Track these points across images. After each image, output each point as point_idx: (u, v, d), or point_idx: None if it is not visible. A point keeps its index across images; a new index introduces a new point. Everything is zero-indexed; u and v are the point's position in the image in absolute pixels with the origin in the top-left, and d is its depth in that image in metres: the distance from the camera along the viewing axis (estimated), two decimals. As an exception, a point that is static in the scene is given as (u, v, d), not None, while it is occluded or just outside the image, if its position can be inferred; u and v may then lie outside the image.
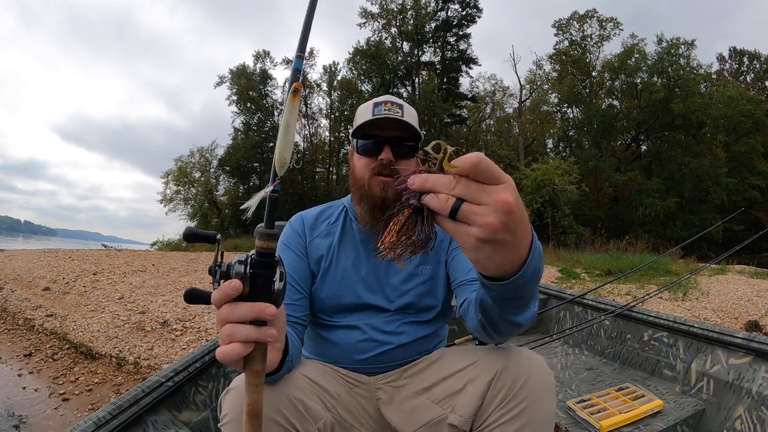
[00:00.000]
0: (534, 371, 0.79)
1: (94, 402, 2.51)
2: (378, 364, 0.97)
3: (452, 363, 0.90)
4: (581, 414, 1.33)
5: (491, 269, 0.49)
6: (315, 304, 1.00)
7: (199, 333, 3.60)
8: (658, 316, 1.71)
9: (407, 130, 0.99)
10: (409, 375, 0.95)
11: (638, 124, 23.82)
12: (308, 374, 0.84)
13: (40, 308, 4.24)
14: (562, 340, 2.16)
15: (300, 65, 0.58)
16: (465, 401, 0.82)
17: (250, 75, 26.32)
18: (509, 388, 0.77)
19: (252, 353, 0.52)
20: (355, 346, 0.96)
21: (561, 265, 9.04)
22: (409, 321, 0.99)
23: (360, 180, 1.00)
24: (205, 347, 1.37)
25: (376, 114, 0.98)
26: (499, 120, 29.32)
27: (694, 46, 22.56)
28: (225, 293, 0.50)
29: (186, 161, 25.45)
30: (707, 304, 5.17)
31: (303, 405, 0.76)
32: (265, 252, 0.52)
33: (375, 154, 0.98)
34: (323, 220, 1.07)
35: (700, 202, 22.18)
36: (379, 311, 0.99)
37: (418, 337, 0.99)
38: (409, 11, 25.00)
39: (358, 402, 0.92)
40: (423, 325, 1.00)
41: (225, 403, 0.75)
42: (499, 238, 0.42)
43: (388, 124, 0.97)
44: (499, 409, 0.77)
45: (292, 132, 0.54)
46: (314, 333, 1.03)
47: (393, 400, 0.93)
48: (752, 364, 1.34)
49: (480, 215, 0.41)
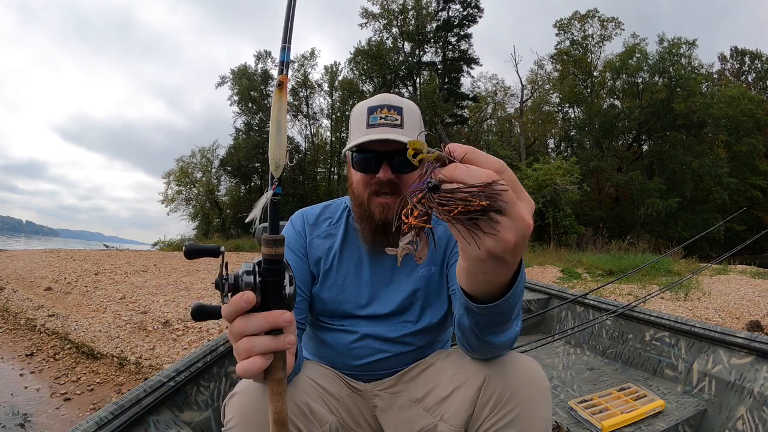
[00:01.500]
0: (526, 376, 0.75)
1: (95, 402, 2.52)
2: (374, 371, 0.95)
3: (442, 369, 0.87)
4: (583, 414, 1.32)
5: (479, 285, 0.49)
6: (315, 306, 0.97)
7: (201, 333, 3.61)
8: (660, 316, 1.71)
9: None
10: (405, 381, 0.93)
11: (639, 124, 23.77)
12: (312, 377, 0.84)
13: (42, 308, 4.24)
14: (564, 340, 2.15)
15: (285, 58, 0.54)
16: (454, 409, 0.78)
17: (252, 75, 26.35)
18: (500, 395, 0.74)
19: (272, 363, 0.50)
20: (353, 352, 0.93)
21: (562, 265, 9.04)
22: (412, 331, 0.94)
23: (358, 197, 0.93)
24: (207, 347, 1.37)
25: (371, 123, 0.89)
26: (500, 120, 29.30)
27: (695, 45, 22.53)
28: (238, 306, 0.48)
29: (187, 161, 25.47)
30: (709, 304, 5.16)
31: (309, 408, 0.75)
32: (274, 259, 0.50)
33: (372, 170, 0.89)
34: (324, 219, 1.02)
35: (702, 202, 22.13)
36: (380, 318, 0.95)
37: (419, 345, 0.95)
38: (410, 11, 24.98)
39: (356, 406, 0.92)
40: (425, 334, 0.96)
41: (229, 407, 0.73)
42: (506, 257, 0.41)
43: (380, 148, 0.87)
44: (492, 417, 0.74)
45: (283, 129, 0.51)
46: (313, 334, 1.02)
47: (390, 408, 0.91)
48: (754, 364, 1.33)
49: (501, 228, 0.38)
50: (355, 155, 0.91)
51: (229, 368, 1.46)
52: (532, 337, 2.11)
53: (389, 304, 0.95)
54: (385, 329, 0.94)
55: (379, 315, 0.95)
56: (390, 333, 0.94)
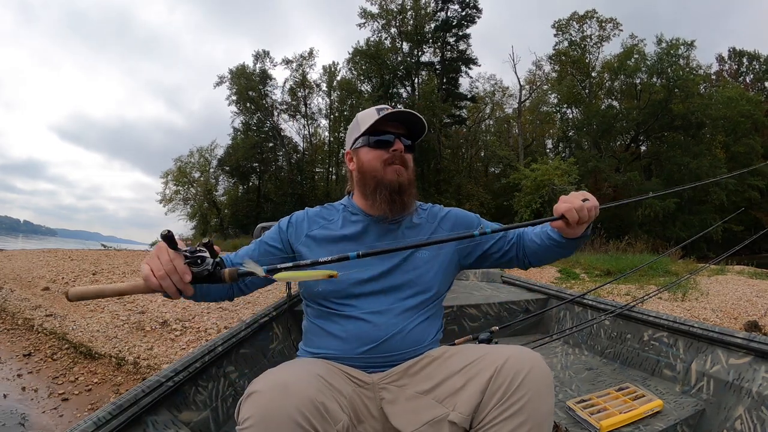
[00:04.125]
0: (533, 368, 0.80)
1: (93, 402, 2.51)
2: (378, 354, 0.98)
3: (455, 362, 0.91)
4: (581, 414, 1.33)
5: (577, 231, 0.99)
6: (316, 291, 1.05)
7: (199, 333, 3.60)
8: (658, 316, 1.71)
9: (408, 129, 1.13)
10: (412, 374, 0.96)
11: (638, 125, 23.82)
12: (323, 375, 0.85)
13: (40, 308, 4.23)
14: (562, 340, 2.16)
15: None
16: (465, 398, 0.83)
17: (250, 75, 26.33)
18: (509, 385, 0.79)
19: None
20: (358, 335, 0.99)
21: (560, 266, 9.04)
22: (409, 307, 1.03)
23: (372, 171, 1.08)
24: (205, 347, 1.37)
25: (381, 114, 1.08)
26: (498, 120, 29.35)
27: (693, 46, 22.60)
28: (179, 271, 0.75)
29: (185, 161, 25.47)
30: (707, 304, 5.17)
31: (324, 408, 0.76)
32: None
33: (388, 146, 1.08)
34: (323, 216, 1.16)
35: (700, 202, 22.18)
36: (378, 295, 1.03)
37: (417, 323, 1.03)
38: (408, 11, 25.00)
39: (362, 402, 0.93)
40: (420, 310, 1.05)
41: (246, 406, 0.73)
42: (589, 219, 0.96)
43: (404, 116, 1.09)
44: (499, 406, 0.78)
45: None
46: (316, 327, 1.05)
47: (397, 400, 0.93)
48: (752, 364, 1.34)
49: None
50: (372, 138, 1.10)
51: (227, 368, 1.45)
52: (531, 337, 2.11)
53: (388, 282, 1.04)
54: (386, 308, 1.02)
55: (378, 291, 1.03)
56: (389, 312, 1.01)
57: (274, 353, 1.75)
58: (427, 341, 1.03)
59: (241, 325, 1.61)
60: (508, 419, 0.77)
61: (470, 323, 2.24)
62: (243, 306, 4.47)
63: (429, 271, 1.07)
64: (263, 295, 5.04)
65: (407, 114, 1.09)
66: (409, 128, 1.12)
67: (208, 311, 4.17)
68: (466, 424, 0.82)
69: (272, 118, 27.20)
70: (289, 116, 28.11)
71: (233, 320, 3.96)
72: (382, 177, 1.07)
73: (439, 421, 0.85)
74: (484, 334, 1.32)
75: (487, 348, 0.90)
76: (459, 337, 1.32)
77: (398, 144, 1.08)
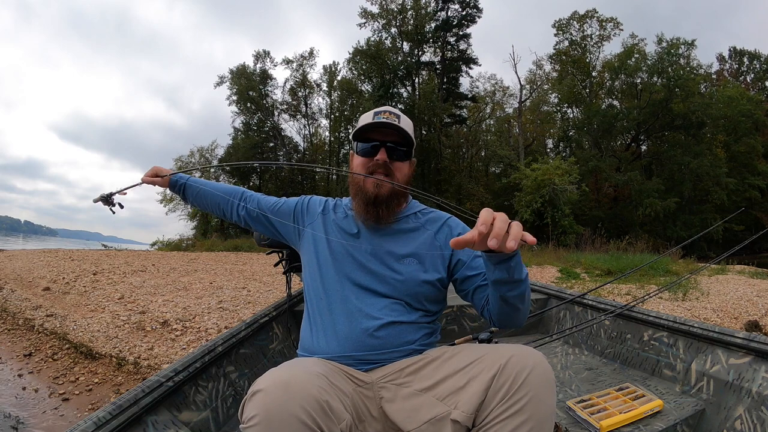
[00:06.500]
0: (536, 367, 0.81)
1: (94, 402, 2.52)
2: (373, 351, 1.00)
3: (455, 361, 0.91)
4: (581, 414, 1.32)
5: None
6: (309, 282, 1.13)
7: (199, 333, 3.60)
8: (658, 316, 1.71)
9: (402, 136, 1.13)
10: (410, 372, 0.96)
11: (638, 124, 23.80)
12: (325, 374, 0.85)
13: (40, 308, 4.23)
14: (562, 340, 2.15)
15: None
16: (467, 397, 0.83)
17: (250, 75, 26.30)
18: (511, 384, 0.79)
19: None
20: (348, 334, 1.02)
21: (561, 265, 9.05)
22: (401, 307, 1.06)
23: (355, 179, 1.13)
24: (205, 347, 1.37)
25: (375, 119, 1.11)
26: (499, 120, 29.31)
27: (694, 46, 22.55)
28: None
29: (186, 161, 25.45)
30: (707, 304, 5.17)
31: (329, 406, 0.76)
32: None
33: (372, 155, 1.11)
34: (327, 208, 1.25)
35: (700, 202, 22.17)
36: (370, 292, 1.06)
37: (410, 321, 1.05)
38: (409, 11, 24.97)
39: (363, 402, 0.93)
40: (412, 310, 1.07)
41: (251, 405, 0.72)
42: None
43: (386, 129, 1.11)
44: (502, 404, 0.78)
45: None
46: (311, 326, 1.09)
47: (396, 398, 0.94)
48: (752, 364, 1.34)
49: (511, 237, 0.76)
50: (359, 144, 1.13)
51: (227, 368, 1.45)
52: (531, 337, 2.11)
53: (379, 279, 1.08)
54: (379, 305, 1.05)
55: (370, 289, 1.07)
56: (381, 308, 1.05)
57: (274, 353, 1.75)
58: (418, 338, 1.05)
59: (241, 325, 1.61)
60: (510, 417, 0.77)
61: (470, 323, 2.24)
62: (243, 306, 4.48)
63: (419, 275, 1.09)
64: (263, 295, 5.05)
65: (394, 126, 1.10)
66: (405, 135, 1.12)
67: (209, 311, 4.18)
68: (469, 422, 0.82)
69: (273, 118, 27.20)
70: (289, 116, 28.11)
71: (233, 320, 3.96)
72: (362, 186, 1.11)
73: (441, 420, 0.85)
74: (484, 333, 1.32)
75: (488, 347, 0.90)
76: (459, 337, 1.32)
77: (381, 154, 1.10)
